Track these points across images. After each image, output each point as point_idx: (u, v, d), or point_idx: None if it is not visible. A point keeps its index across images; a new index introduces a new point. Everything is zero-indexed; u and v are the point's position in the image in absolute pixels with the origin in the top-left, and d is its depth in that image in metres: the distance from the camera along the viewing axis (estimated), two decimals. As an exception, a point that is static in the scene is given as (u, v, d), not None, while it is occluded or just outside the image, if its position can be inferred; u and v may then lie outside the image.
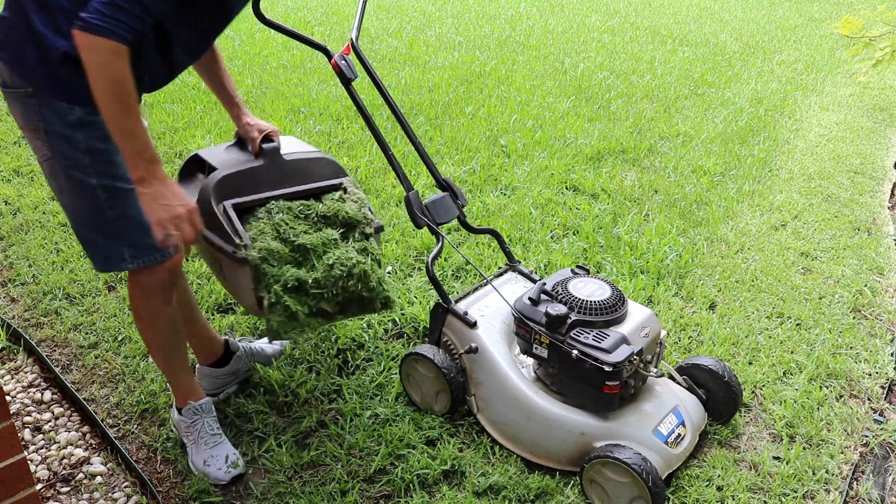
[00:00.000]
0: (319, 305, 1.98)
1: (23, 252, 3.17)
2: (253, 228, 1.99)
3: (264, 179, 2.08)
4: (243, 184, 2.04)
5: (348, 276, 1.98)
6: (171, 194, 1.67)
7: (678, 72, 6.40)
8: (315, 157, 2.17)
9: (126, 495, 2.04)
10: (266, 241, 1.96)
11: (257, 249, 1.94)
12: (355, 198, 2.15)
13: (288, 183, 2.11)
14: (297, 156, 2.15)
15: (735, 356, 2.65)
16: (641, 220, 3.65)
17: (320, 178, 2.16)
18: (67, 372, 2.51)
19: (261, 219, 2.01)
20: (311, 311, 1.96)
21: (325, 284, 1.97)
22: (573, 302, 2.06)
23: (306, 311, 1.95)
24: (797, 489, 2.10)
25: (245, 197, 2.03)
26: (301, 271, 1.96)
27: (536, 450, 2.11)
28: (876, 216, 3.86)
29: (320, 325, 2.05)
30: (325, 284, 1.97)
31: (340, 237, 2.06)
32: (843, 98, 6.04)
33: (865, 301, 3.04)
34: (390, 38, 6.94)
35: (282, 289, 1.93)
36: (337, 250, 2.01)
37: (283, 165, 2.11)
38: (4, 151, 4.14)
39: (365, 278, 2.00)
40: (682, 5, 9.86)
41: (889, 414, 2.44)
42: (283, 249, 1.96)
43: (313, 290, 1.96)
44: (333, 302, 1.99)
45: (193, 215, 1.70)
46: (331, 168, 2.19)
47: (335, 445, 2.21)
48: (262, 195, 2.06)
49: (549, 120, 4.94)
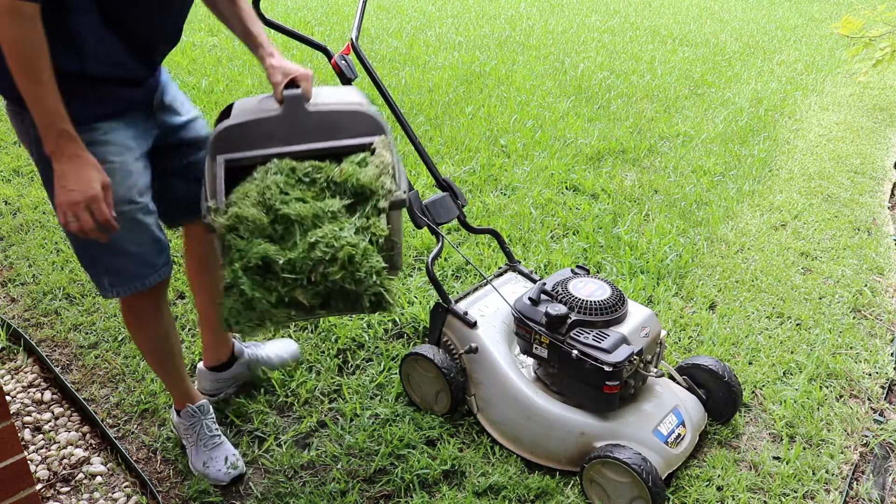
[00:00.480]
0: (293, 294, 1.60)
1: (23, 252, 3.17)
2: (239, 191, 1.65)
3: (278, 133, 1.73)
4: (250, 137, 1.72)
5: (331, 261, 1.58)
6: (75, 177, 1.53)
7: (678, 72, 6.40)
8: (348, 110, 1.77)
9: (126, 495, 2.04)
10: (244, 206, 1.61)
11: (226, 216, 1.61)
12: (378, 161, 1.70)
13: (306, 138, 1.74)
14: (326, 107, 1.76)
15: (735, 356, 2.65)
16: (641, 220, 3.65)
17: (349, 135, 1.75)
18: (67, 372, 2.51)
19: (255, 179, 1.67)
20: (280, 299, 1.60)
21: (301, 268, 1.58)
22: (573, 302, 2.06)
23: (272, 300, 1.59)
24: (797, 489, 2.10)
25: (243, 152, 1.70)
26: (273, 248, 1.60)
27: (536, 450, 2.11)
28: (876, 216, 3.86)
29: (292, 319, 1.65)
30: (302, 268, 1.58)
31: (347, 210, 1.67)
32: (843, 98, 6.04)
33: (865, 301, 3.04)
34: (390, 38, 6.94)
35: (242, 267, 1.58)
36: (329, 226, 1.62)
37: (305, 117, 1.75)
38: (4, 151, 4.14)
39: (351, 265, 1.58)
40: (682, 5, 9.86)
41: (889, 414, 2.44)
42: (260, 218, 1.61)
43: (286, 275, 1.58)
44: (312, 292, 1.60)
45: (93, 203, 1.54)
46: (366, 124, 1.77)
47: (335, 445, 2.21)
48: (263, 151, 1.71)
49: (549, 120, 4.94)
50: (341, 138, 1.75)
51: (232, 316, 1.59)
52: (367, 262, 1.60)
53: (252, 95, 2.10)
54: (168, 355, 2.04)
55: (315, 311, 1.64)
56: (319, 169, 1.70)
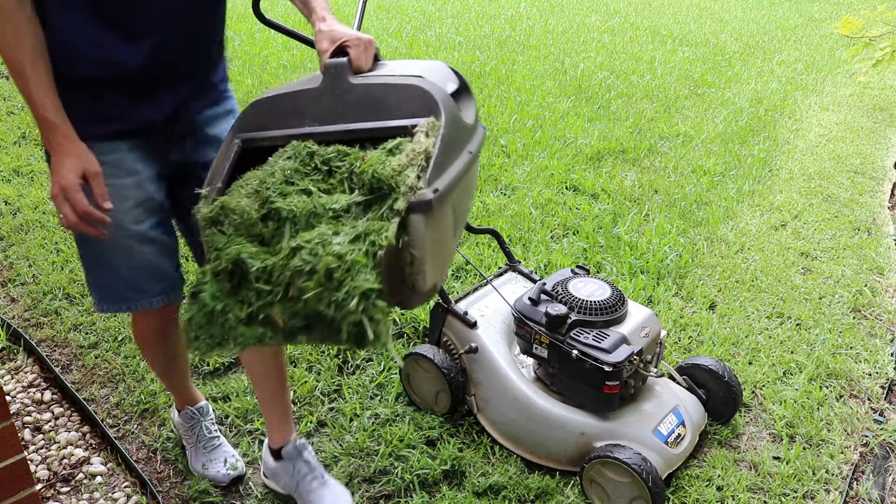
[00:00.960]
0: (268, 311, 1.28)
1: (23, 252, 3.17)
2: (243, 179, 1.41)
3: (312, 109, 1.44)
4: (280, 114, 1.46)
5: (310, 274, 1.24)
6: (57, 167, 1.45)
7: (678, 72, 6.39)
8: (400, 83, 1.41)
9: (126, 495, 2.04)
10: (236, 196, 1.36)
11: (212, 206, 1.35)
12: (411, 149, 1.32)
13: (342, 117, 1.43)
14: (375, 79, 1.43)
15: (735, 356, 2.65)
16: (641, 220, 3.65)
17: (395, 116, 1.40)
18: (67, 372, 2.51)
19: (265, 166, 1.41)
20: (252, 316, 1.29)
21: (278, 279, 1.26)
22: (573, 302, 2.06)
23: (241, 315, 1.29)
24: (797, 489, 2.10)
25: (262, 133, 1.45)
26: (253, 250, 1.30)
27: (536, 450, 2.11)
28: (876, 216, 3.86)
29: (263, 342, 1.31)
30: (279, 279, 1.26)
31: (363, 209, 1.33)
32: (843, 98, 6.03)
33: (865, 301, 3.04)
34: (390, 38, 6.94)
35: (212, 271, 1.30)
36: (324, 228, 1.30)
37: (346, 92, 1.42)
38: (4, 151, 4.14)
39: (329, 282, 1.22)
40: (682, 5, 9.86)
41: (889, 414, 2.44)
42: (248, 212, 1.32)
43: (260, 286, 1.27)
44: (290, 311, 1.27)
45: (68, 193, 1.44)
46: (418, 102, 1.39)
47: (335, 445, 2.21)
48: (281, 132, 1.44)
49: (549, 120, 4.94)
50: (384, 119, 1.40)
51: (189, 332, 1.32)
52: (352, 280, 1.21)
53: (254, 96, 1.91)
54: (173, 372, 2.04)
55: (295, 334, 1.30)
56: (344, 155, 1.38)
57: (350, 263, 1.22)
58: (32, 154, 4.08)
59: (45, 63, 1.44)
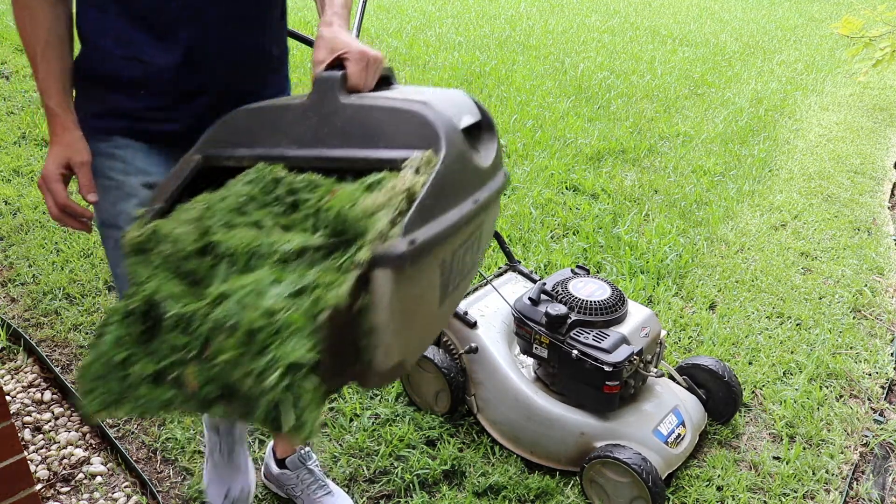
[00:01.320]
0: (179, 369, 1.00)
1: (23, 252, 3.17)
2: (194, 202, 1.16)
3: (294, 128, 1.20)
4: (258, 130, 1.24)
5: (231, 330, 0.96)
6: (47, 155, 1.41)
7: (678, 72, 6.40)
8: (400, 109, 1.13)
9: (126, 495, 2.04)
10: (175, 221, 1.12)
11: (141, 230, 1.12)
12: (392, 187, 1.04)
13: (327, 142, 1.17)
14: (371, 101, 1.17)
15: (735, 356, 2.65)
16: (641, 220, 3.65)
17: (388, 145, 1.13)
18: (67, 372, 2.51)
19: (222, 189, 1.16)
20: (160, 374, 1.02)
21: (196, 331, 0.99)
22: (573, 302, 2.06)
23: (146, 371, 1.02)
24: (797, 489, 2.10)
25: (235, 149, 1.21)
26: (174, 289, 1.05)
27: (536, 450, 2.11)
28: (876, 216, 3.86)
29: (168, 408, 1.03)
30: (197, 332, 0.99)
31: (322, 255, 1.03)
32: (843, 98, 6.04)
33: (865, 301, 3.04)
34: (390, 38, 6.94)
35: (123, 311, 1.06)
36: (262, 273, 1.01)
37: (335, 112, 1.17)
38: (4, 151, 4.14)
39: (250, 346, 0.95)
40: (682, 5, 9.86)
41: (889, 414, 2.44)
42: (184, 243, 1.08)
43: (172, 337, 1.01)
44: (205, 374, 0.98)
45: (48, 184, 1.39)
46: (419, 132, 1.11)
47: (335, 445, 2.21)
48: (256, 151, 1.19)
49: (549, 120, 4.94)
50: (372, 147, 1.14)
51: (86, 378, 1.05)
52: (279, 346, 0.93)
53: None
54: None
55: (209, 404, 1.01)
56: (314, 187, 1.11)
57: (281, 324, 0.94)
58: (32, 154, 4.08)
59: (57, 52, 1.41)
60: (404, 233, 0.98)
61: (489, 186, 1.22)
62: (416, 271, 1.02)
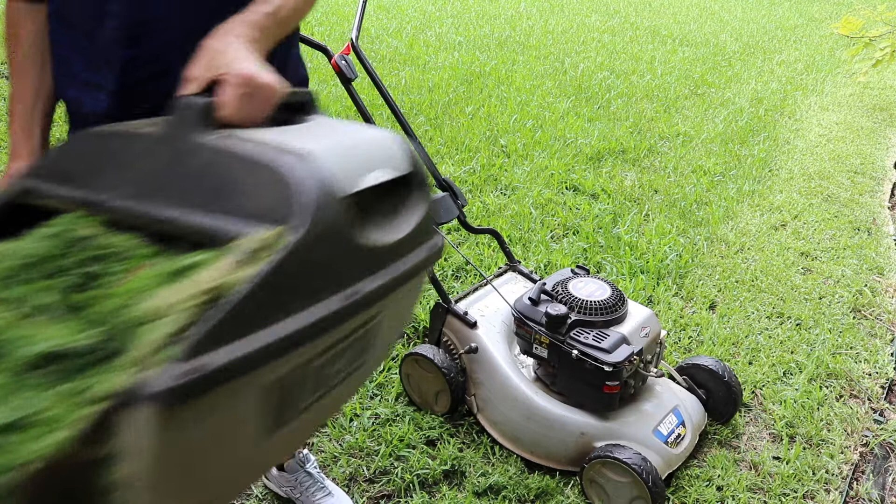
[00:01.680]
0: None
1: None
2: None
3: (140, 164, 0.89)
4: (102, 160, 0.94)
5: None
6: None
7: (678, 72, 6.40)
8: (260, 161, 0.82)
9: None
10: None
11: None
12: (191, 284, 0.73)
13: (167, 192, 0.85)
14: (235, 144, 0.85)
15: (735, 356, 2.65)
16: (641, 220, 3.65)
17: (230, 211, 0.80)
18: None
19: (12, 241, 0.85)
20: None
21: None
22: (573, 302, 2.06)
23: None
24: (797, 489, 2.10)
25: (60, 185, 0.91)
26: None
27: (536, 450, 2.11)
28: (876, 216, 3.86)
29: None
30: None
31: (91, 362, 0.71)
32: (843, 98, 6.04)
33: (865, 301, 3.04)
34: (390, 38, 6.94)
35: None
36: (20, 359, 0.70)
37: (189, 152, 0.87)
38: (4, 152, 4.14)
39: None
40: (682, 5, 9.86)
41: (889, 414, 2.44)
42: None
43: None
44: None
45: None
46: (274, 196, 0.79)
47: (335, 445, 2.21)
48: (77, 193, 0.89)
49: (549, 120, 4.94)
50: (213, 211, 0.81)
51: None
52: None
53: None
54: None
55: None
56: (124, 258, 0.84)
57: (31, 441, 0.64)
58: (32, 154, 4.09)
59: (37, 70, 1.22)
60: (186, 356, 0.68)
61: (393, 269, 0.93)
62: (203, 408, 0.71)
